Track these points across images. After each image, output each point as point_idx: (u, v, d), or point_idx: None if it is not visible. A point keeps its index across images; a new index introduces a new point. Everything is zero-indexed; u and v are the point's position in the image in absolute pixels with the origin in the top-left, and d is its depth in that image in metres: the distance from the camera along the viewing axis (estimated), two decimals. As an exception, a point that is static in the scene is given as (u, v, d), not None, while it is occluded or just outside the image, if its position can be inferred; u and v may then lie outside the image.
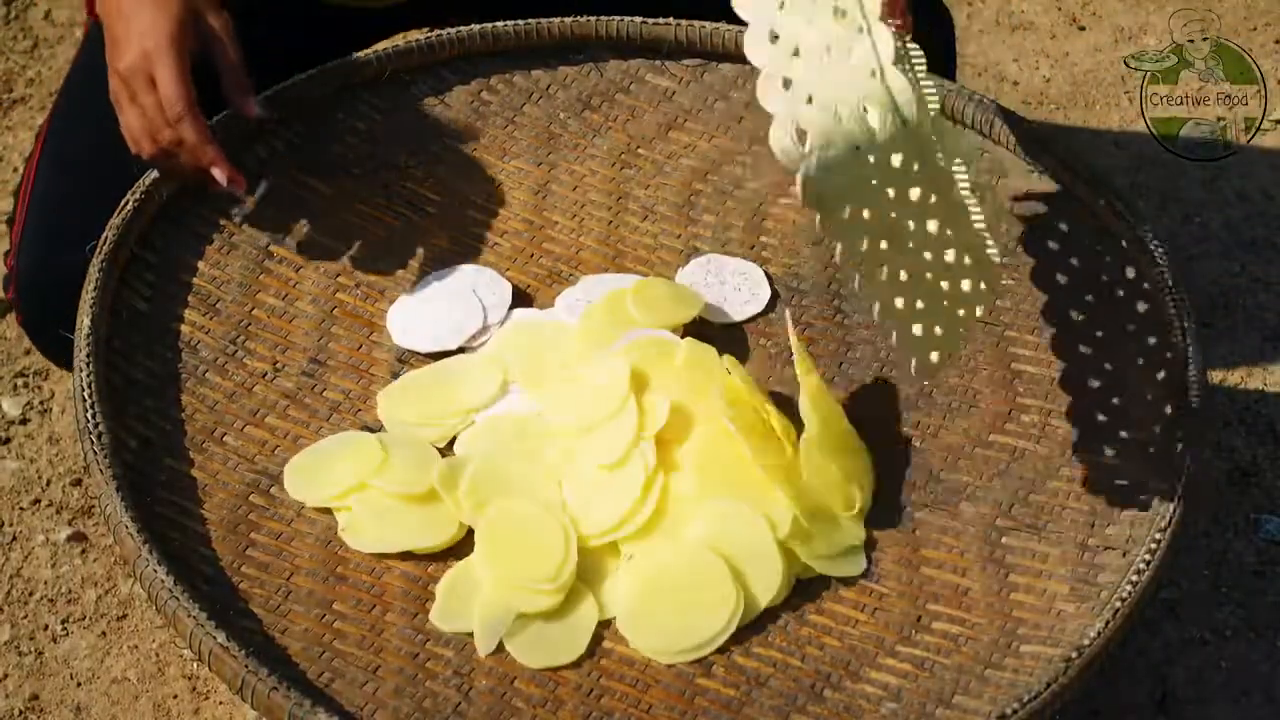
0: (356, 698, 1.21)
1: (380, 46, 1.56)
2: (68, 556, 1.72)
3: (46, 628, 1.67)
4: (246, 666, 1.17)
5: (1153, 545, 1.25)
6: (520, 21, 1.60)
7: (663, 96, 1.59)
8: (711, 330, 1.43)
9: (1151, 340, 1.40)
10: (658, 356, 1.37)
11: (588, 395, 1.34)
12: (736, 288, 1.46)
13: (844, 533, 1.30)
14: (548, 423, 1.33)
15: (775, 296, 1.46)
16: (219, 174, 1.42)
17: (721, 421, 1.31)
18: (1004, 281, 1.46)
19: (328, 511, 1.30)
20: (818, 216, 1.18)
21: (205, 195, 1.46)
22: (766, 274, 1.47)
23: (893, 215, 1.22)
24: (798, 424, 1.32)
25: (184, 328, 1.39)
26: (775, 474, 1.29)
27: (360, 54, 1.55)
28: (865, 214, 1.20)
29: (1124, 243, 1.46)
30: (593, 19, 1.59)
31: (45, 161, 1.61)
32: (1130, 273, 1.45)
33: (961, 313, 1.28)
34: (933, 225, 1.25)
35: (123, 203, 1.41)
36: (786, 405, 1.35)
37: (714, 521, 1.28)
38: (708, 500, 1.29)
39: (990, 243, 1.29)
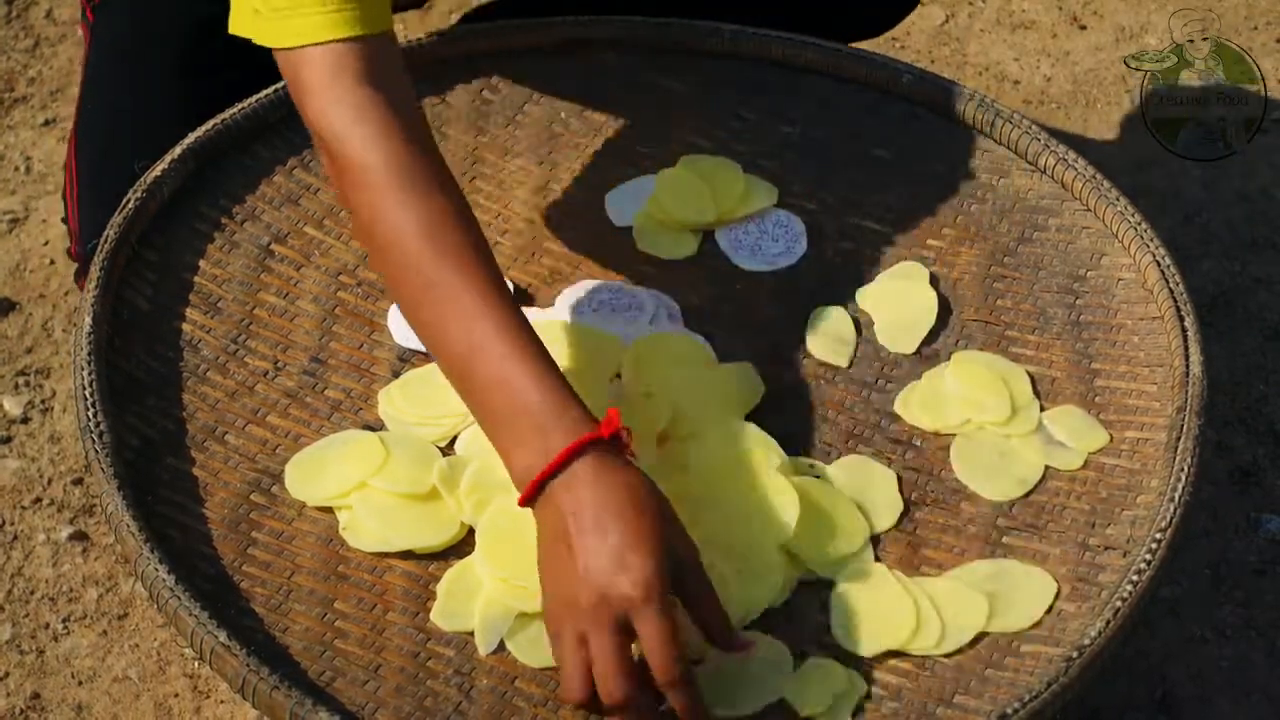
0: (358, 696, 1.21)
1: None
2: (69, 555, 1.72)
3: (48, 626, 1.67)
4: (248, 665, 1.17)
5: (1153, 545, 1.25)
6: (522, 21, 1.60)
7: (663, 96, 1.59)
8: (717, 330, 1.43)
9: (1152, 340, 1.41)
10: (662, 357, 1.37)
11: None
12: (775, 238, 1.47)
13: (848, 539, 1.30)
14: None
15: (808, 254, 1.47)
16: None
17: (721, 424, 1.32)
18: (1004, 280, 1.46)
19: (329, 510, 1.30)
20: None
21: (206, 194, 1.46)
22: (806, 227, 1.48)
23: None
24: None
25: (185, 326, 1.39)
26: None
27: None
28: None
29: (1124, 242, 1.46)
30: (593, 19, 1.59)
31: (84, 123, 1.59)
32: (1130, 272, 1.45)
33: None
34: None
35: (123, 202, 1.41)
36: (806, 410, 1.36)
37: (714, 522, 1.28)
38: (708, 501, 1.29)
39: None
